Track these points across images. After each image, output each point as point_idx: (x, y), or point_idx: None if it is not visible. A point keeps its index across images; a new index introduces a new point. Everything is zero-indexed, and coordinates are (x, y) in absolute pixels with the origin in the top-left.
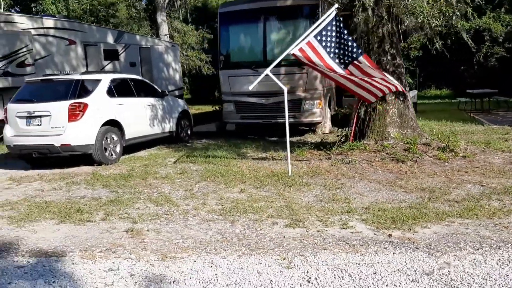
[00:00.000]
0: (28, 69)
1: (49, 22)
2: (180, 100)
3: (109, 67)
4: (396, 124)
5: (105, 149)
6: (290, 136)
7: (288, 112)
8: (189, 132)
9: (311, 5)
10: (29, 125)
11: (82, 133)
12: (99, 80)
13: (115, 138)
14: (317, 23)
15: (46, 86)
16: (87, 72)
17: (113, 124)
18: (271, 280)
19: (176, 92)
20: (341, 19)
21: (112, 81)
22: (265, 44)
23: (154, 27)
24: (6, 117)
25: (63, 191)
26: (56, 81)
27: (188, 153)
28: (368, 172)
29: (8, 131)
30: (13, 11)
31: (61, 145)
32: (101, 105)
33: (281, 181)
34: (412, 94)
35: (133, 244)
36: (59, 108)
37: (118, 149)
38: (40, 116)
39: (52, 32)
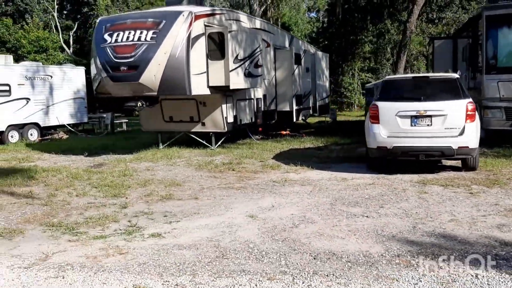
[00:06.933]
0: (260, 70)
1: (257, 22)
2: None
3: (296, 72)
4: None
5: None
6: None
7: None
8: None
9: None
10: (414, 125)
11: (476, 135)
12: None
13: None
14: None
15: (424, 84)
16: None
17: None
18: None
19: (326, 100)
20: None
21: None
22: None
23: None
24: (375, 116)
25: None
26: (434, 79)
27: None
28: None
29: (382, 132)
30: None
31: (459, 147)
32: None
33: None
34: None
35: None
36: (456, 107)
37: None
38: (430, 116)
39: (258, 33)
